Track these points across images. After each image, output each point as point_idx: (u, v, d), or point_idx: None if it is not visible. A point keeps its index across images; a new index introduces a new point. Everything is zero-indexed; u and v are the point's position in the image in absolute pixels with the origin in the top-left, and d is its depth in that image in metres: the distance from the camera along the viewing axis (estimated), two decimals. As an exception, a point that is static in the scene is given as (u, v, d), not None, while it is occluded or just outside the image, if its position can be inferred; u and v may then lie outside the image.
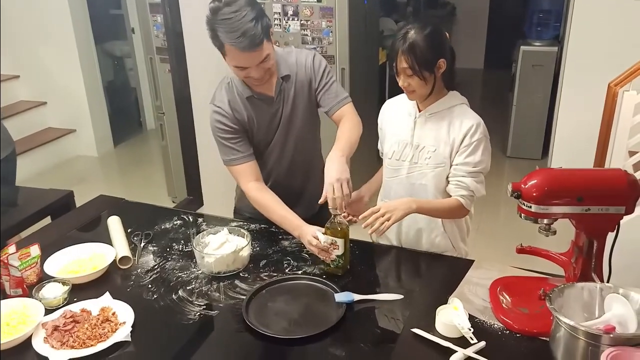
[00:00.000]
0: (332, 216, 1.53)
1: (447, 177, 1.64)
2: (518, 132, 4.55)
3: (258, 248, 1.73)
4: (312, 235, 1.57)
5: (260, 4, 1.66)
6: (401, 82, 1.58)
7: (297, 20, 3.13)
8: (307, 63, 1.80)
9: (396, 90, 1.70)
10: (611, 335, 1.08)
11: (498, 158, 4.60)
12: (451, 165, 1.63)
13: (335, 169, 1.53)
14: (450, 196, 1.65)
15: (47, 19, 4.47)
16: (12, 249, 1.51)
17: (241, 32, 1.51)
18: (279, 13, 3.16)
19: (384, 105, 1.80)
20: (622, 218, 1.34)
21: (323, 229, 1.57)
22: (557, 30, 4.55)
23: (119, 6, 5.23)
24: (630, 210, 1.33)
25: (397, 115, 1.72)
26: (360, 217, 1.53)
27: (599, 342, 1.09)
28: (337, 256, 1.54)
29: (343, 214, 1.55)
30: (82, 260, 1.63)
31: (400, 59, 1.54)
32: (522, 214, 1.36)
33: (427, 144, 1.64)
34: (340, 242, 1.52)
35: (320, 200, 1.54)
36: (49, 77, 4.67)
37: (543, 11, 4.55)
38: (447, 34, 1.62)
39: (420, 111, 1.65)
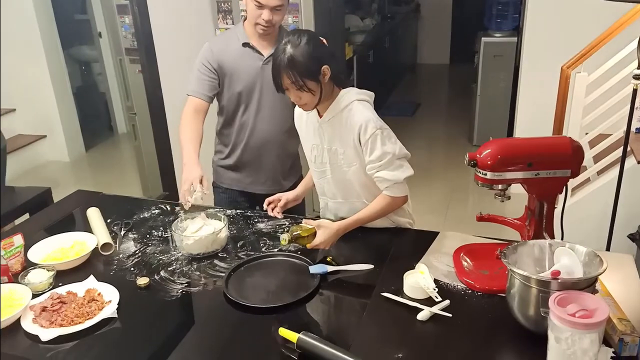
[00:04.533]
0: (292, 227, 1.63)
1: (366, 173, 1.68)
2: (483, 120, 4.70)
3: (235, 231, 1.81)
4: (193, 184, 1.74)
5: None
6: (292, 97, 1.61)
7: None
8: None
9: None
10: (558, 281, 1.20)
11: (465, 147, 4.76)
12: (362, 162, 1.66)
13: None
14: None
15: (13, 25, 4.44)
16: (-5, 239, 1.55)
17: None
18: (245, 10, 3.23)
19: (295, 111, 1.83)
20: (568, 180, 1.47)
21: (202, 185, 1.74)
22: (516, 21, 4.73)
23: (85, 11, 5.22)
24: (575, 174, 1.46)
25: (306, 121, 1.76)
26: (308, 246, 1.60)
27: (549, 288, 1.20)
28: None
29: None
30: (64, 248, 1.68)
31: (283, 76, 1.54)
32: (479, 182, 1.47)
33: (337, 146, 1.67)
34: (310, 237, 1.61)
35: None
36: (17, 84, 4.63)
37: (502, 3, 4.72)
38: (324, 39, 1.64)
39: (321, 117, 1.68)
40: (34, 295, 1.45)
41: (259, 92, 1.99)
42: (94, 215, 1.84)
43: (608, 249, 2.40)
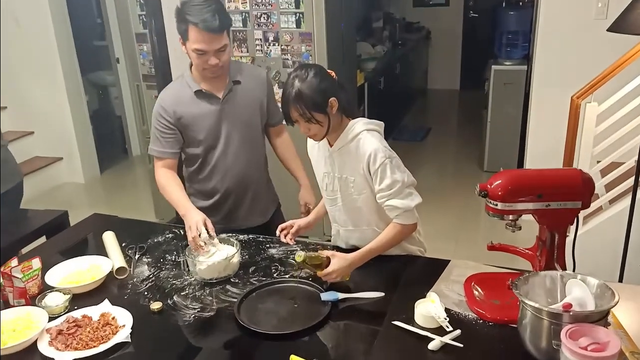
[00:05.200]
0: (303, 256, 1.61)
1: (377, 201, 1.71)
2: (493, 147, 4.72)
3: (247, 256, 1.83)
4: (197, 227, 1.72)
5: (222, 3, 1.92)
6: (302, 129, 1.64)
7: (278, 45, 3.28)
8: (262, 79, 2.03)
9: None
10: (570, 313, 1.20)
11: (475, 173, 4.77)
12: (373, 190, 1.68)
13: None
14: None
15: (35, 51, 4.58)
16: (14, 262, 1.59)
17: (206, 15, 1.74)
18: (260, 39, 3.31)
19: (308, 141, 1.83)
20: (579, 212, 1.48)
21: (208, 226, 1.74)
22: (526, 49, 4.78)
23: (103, 38, 5.36)
24: (586, 205, 1.47)
25: (318, 150, 1.79)
26: (319, 274, 1.61)
27: (560, 320, 1.20)
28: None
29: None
30: (80, 272, 1.72)
31: (291, 109, 1.59)
32: (490, 212, 1.49)
33: (347, 175, 1.70)
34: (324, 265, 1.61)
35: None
36: (36, 107, 4.76)
37: (511, 32, 4.77)
38: (333, 72, 1.67)
39: (331, 146, 1.72)
40: (51, 318, 1.47)
41: (225, 133, 1.95)
42: (109, 239, 1.88)
43: (621, 279, 2.39)
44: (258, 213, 2.11)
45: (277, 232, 1.86)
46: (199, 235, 1.71)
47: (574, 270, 1.53)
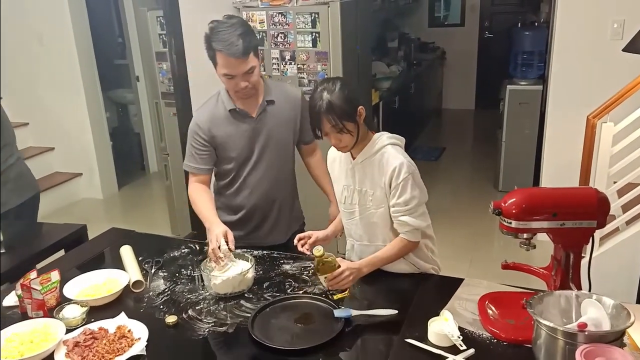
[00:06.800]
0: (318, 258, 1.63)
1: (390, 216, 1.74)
2: (508, 167, 4.70)
3: (261, 272, 1.84)
4: (217, 239, 1.75)
5: (250, 25, 1.93)
6: (333, 141, 1.68)
7: (294, 64, 3.34)
8: (296, 98, 2.05)
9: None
10: (585, 333, 1.19)
11: (490, 192, 4.74)
12: (389, 206, 1.72)
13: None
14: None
15: (57, 69, 4.70)
16: (33, 274, 1.62)
17: (231, 41, 1.79)
18: (277, 58, 3.37)
19: (329, 152, 1.89)
20: (594, 231, 1.47)
21: (229, 238, 1.77)
22: (541, 70, 4.79)
23: (124, 56, 5.50)
24: (601, 225, 1.46)
25: (339, 162, 1.82)
26: (328, 277, 1.61)
27: (575, 340, 1.19)
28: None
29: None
30: (97, 285, 1.74)
31: (323, 122, 1.62)
32: (504, 230, 1.49)
33: (367, 188, 1.73)
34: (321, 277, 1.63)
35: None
36: (57, 124, 4.87)
37: (527, 52, 4.78)
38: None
39: (354, 158, 1.75)
40: (68, 330, 1.50)
41: (258, 151, 1.99)
42: (126, 253, 1.91)
43: (638, 301, 2.35)
44: (281, 231, 2.13)
45: (295, 241, 1.85)
46: (219, 247, 1.74)
47: (589, 291, 1.52)
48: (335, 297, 1.66)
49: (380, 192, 1.71)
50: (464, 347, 1.38)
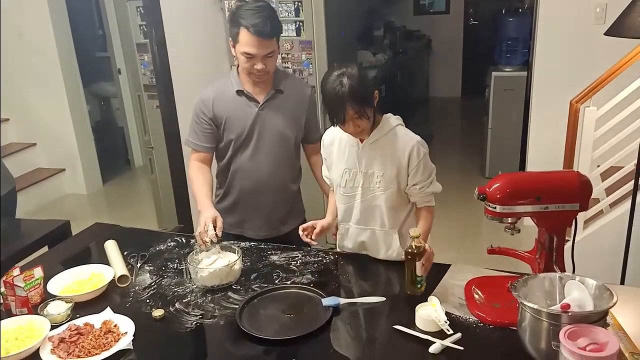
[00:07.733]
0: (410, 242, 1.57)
1: (407, 191, 1.74)
2: (495, 153, 4.73)
3: (249, 263, 1.84)
4: (205, 224, 1.76)
5: (274, 10, 1.95)
6: (352, 128, 1.64)
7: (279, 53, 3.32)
8: (305, 95, 2.05)
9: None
10: (569, 314, 1.20)
11: (477, 179, 4.77)
12: (400, 184, 1.72)
13: None
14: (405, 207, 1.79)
15: (36, 63, 4.62)
16: (16, 271, 1.60)
17: (258, 20, 1.80)
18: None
19: (324, 136, 1.86)
20: (577, 214, 1.48)
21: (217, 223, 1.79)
22: (526, 56, 4.80)
23: (105, 49, 5.41)
24: (584, 207, 1.48)
25: (340, 145, 1.79)
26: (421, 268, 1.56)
27: (559, 321, 1.20)
28: (419, 276, 1.57)
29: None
30: (82, 280, 1.72)
31: (347, 108, 1.57)
32: (489, 215, 1.50)
33: (375, 169, 1.72)
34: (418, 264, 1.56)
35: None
36: (39, 119, 4.79)
37: (511, 39, 4.80)
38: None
39: (362, 141, 1.73)
40: (53, 327, 1.48)
41: (256, 137, 1.98)
42: (111, 247, 1.89)
43: (623, 282, 2.38)
44: (274, 225, 2.10)
45: (300, 232, 1.80)
46: (206, 231, 1.74)
47: (573, 273, 1.53)
48: (422, 288, 1.58)
49: (391, 172, 1.71)
50: (451, 332, 1.39)
